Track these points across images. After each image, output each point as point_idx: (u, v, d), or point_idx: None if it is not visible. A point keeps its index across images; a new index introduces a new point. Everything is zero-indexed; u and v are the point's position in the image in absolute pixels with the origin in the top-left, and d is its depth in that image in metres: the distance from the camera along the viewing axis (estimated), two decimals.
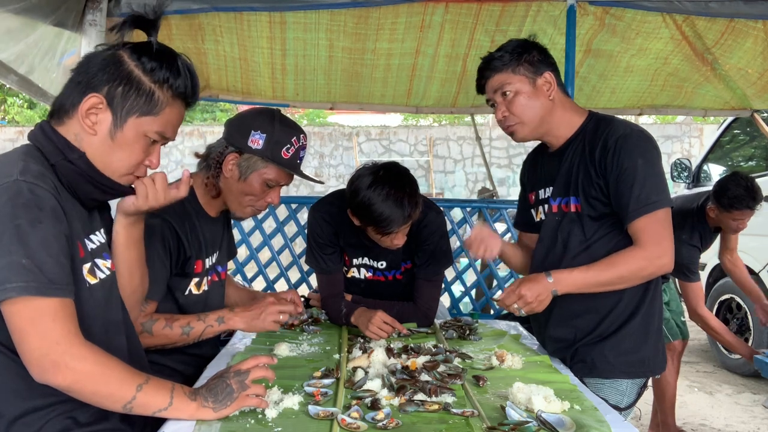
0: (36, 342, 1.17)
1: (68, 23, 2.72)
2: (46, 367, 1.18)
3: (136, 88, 1.32)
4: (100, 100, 1.30)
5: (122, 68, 1.32)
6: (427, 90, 4.05)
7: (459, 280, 3.98)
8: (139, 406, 1.27)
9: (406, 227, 2.16)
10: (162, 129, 1.36)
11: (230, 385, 1.38)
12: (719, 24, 3.28)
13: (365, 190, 2.08)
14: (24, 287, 1.16)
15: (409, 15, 3.31)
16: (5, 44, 2.52)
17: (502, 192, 11.43)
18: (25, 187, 1.20)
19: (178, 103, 1.38)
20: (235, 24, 3.38)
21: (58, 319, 1.18)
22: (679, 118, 12.27)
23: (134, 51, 1.33)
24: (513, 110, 1.89)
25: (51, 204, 1.23)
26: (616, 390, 1.89)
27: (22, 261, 1.16)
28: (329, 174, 12.34)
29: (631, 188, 1.78)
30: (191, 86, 1.38)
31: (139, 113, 1.33)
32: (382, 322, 2.16)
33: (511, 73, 1.88)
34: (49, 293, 1.18)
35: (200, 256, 1.89)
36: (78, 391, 1.23)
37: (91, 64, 1.33)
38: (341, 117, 15.61)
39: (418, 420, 1.43)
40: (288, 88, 4.03)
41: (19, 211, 1.18)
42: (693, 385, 4.92)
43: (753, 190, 3.24)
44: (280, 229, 3.84)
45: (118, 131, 1.33)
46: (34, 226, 1.18)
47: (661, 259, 1.80)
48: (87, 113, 1.31)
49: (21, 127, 12.72)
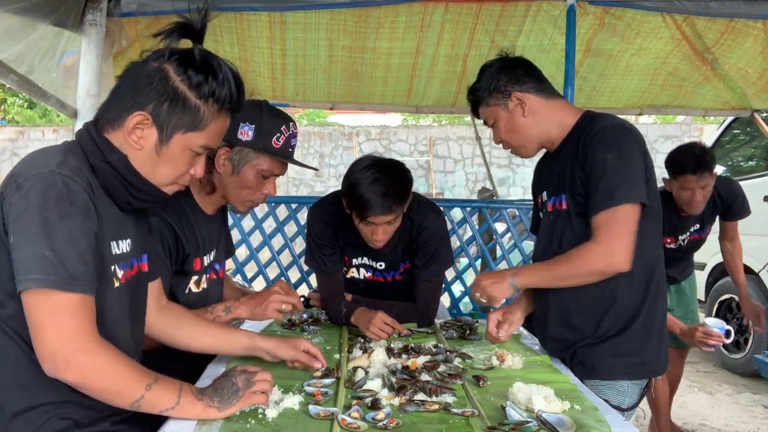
0: (50, 336, 1.18)
1: (68, 23, 2.72)
2: (57, 363, 1.18)
3: (182, 105, 1.31)
4: (145, 117, 1.30)
5: (168, 84, 1.30)
6: (427, 90, 4.06)
7: (459, 280, 3.98)
8: (147, 405, 1.28)
9: (387, 225, 2.14)
10: (207, 142, 1.37)
11: (236, 384, 1.40)
12: (719, 24, 3.28)
13: (358, 171, 2.12)
14: (43, 279, 1.16)
15: (409, 14, 3.31)
16: (5, 44, 2.52)
17: (502, 192, 11.44)
18: (60, 180, 1.21)
19: (223, 114, 1.37)
20: (235, 24, 3.38)
21: (75, 315, 1.19)
22: (679, 118, 12.27)
23: (180, 64, 1.32)
24: (502, 137, 1.97)
25: (83, 199, 1.23)
26: (617, 391, 1.88)
27: (46, 253, 1.17)
28: (329, 174, 12.34)
29: (598, 181, 1.75)
30: (237, 95, 1.37)
31: (185, 129, 1.33)
32: (382, 322, 2.16)
33: (486, 106, 1.96)
34: (69, 288, 1.18)
35: (198, 253, 1.89)
36: (87, 387, 1.23)
37: (137, 78, 1.32)
38: (341, 117, 15.61)
39: (418, 420, 1.43)
40: (288, 88, 4.03)
41: (50, 202, 1.19)
42: (693, 385, 4.91)
43: (700, 156, 2.99)
44: (280, 229, 3.84)
45: (164, 147, 1.33)
46: (62, 219, 1.19)
47: (613, 257, 1.74)
48: (133, 129, 1.31)
49: (21, 127, 12.70)
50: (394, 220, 2.15)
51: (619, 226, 1.73)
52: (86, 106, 2.78)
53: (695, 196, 3.06)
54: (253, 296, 1.94)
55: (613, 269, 1.77)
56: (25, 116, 14.61)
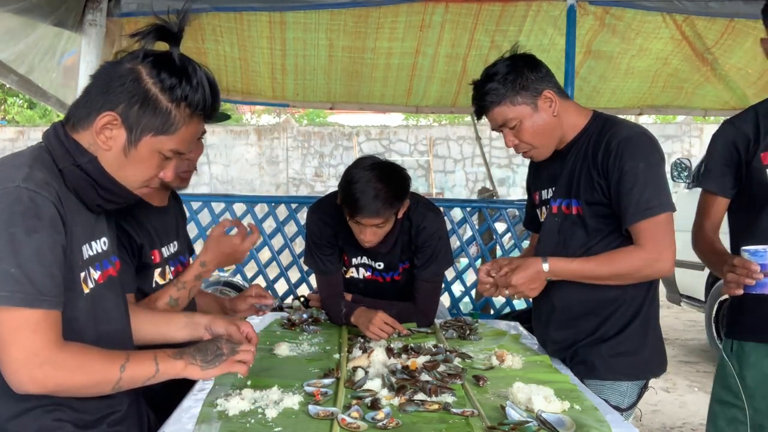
0: (15, 353, 1.17)
1: (68, 23, 2.72)
2: (23, 380, 1.18)
3: (153, 108, 1.29)
4: (114, 118, 1.29)
5: (140, 86, 1.28)
6: (427, 90, 4.06)
7: (459, 280, 3.98)
8: (128, 382, 1.28)
9: (376, 227, 2.14)
10: (176, 147, 1.34)
11: (221, 348, 1.40)
12: (719, 24, 3.28)
13: (356, 169, 2.13)
14: (8, 297, 1.15)
15: (409, 14, 3.31)
16: (5, 44, 2.53)
17: (502, 192, 11.42)
18: (26, 195, 1.19)
19: (195, 119, 1.35)
20: (235, 24, 3.38)
21: (39, 330, 1.17)
22: (679, 118, 12.27)
23: (154, 66, 1.30)
24: (522, 138, 1.86)
25: (50, 213, 1.21)
26: (616, 391, 1.89)
27: (11, 270, 1.15)
28: (329, 174, 12.34)
29: (631, 191, 1.76)
30: (210, 101, 1.35)
31: (154, 132, 1.31)
32: (382, 322, 2.16)
33: (510, 104, 1.83)
34: (35, 304, 1.17)
35: (154, 245, 1.87)
36: (63, 392, 1.24)
37: (109, 78, 1.31)
38: (341, 117, 15.61)
39: (418, 420, 1.43)
40: (288, 88, 4.03)
41: (16, 218, 1.17)
42: (693, 385, 4.91)
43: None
44: (280, 229, 3.85)
45: (132, 149, 1.31)
46: (29, 235, 1.17)
47: (660, 263, 1.78)
48: (101, 129, 1.29)
49: (21, 127, 12.71)
50: (383, 224, 2.14)
51: (662, 234, 1.77)
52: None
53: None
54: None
55: (659, 275, 1.84)
56: (25, 116, 14.61)
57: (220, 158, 12.09)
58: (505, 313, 3.66)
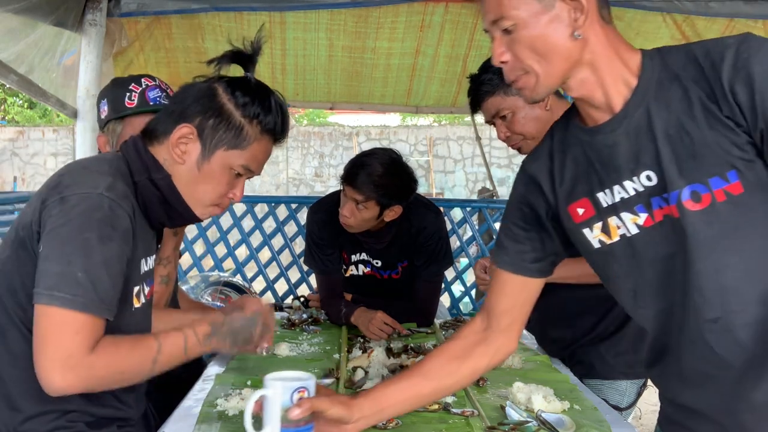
0: (54, 352, 1.16)
1: (68, 23, 2.72)
2: (56, 380, 1.16)
3: (227, 122, 1.34)
4: (191, 130, 1.33)
5: (215, 101, 1.34)
6: (427, 90, 4.06)
7: (459, 280, 3.98)
8: (163, 367, 1.28)
9: (355, 204, 2.15)
10: (248, 163, 1.37)
11: (252, 335, 1.42)
12: (719, 24, 3.28)
13: (380, 149, 2.24)
14: (71, 300, 1.16)
15: (409, 14, 3.31)
16: (5, 44, 2.53)
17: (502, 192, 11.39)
18: (107, 203, 1.21)
19: (266, 139, 1.39)
20: (235, 24, 3.38)
21: (82, 332, 1.17)
22: None
23: (229, 85, 1.35)
24: (514, 129, 1.88)
25: (125, 225, 1.24)
26: (615, 390, 1.89)
27: (78, 274, 1.16)
28: (329, 174, 12.34)
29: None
30: (281, 124, 1.40)
31: (227, 146, 1.34)
32: (382, 322, 2.16)
33: (504, 95, 1.86)
34: (92, 310, 1.18)
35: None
36: (99, 389, 1.24)
37: (187, 95, 1.36)
38: (341, 117, 15.61)
39: (418, 420, 1.43)
40: (288, 88, 4.03)
41: (93, 224, 1.19)
42: None
43: None
44: (280, 229, 3.84)
45: (205, 162, 1.34)
46: (103, 242, 1.19)
47: None
48: (177, 142, 1.33)
49: (21, 127, 12.71)
50: (362, 204, 2.14)
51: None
52: (86, 106, 2.78)
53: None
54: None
55: None
56: (25, 116, 14.62)
57: None
58: None
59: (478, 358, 1.33)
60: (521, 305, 1.33)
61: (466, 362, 1.32)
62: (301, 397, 1.18)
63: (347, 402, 1.25)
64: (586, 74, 1.11)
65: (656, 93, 1.08)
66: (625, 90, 1.11)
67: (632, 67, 1.11)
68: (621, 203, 1.12)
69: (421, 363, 1.36)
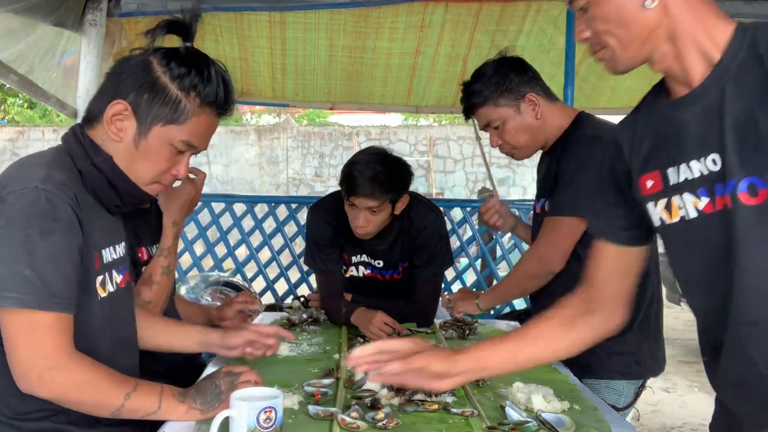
0: (25, 354, 1.17)
1: (68, 23, 2.72)
2: (32, 380, 1.18)
3: (162, 96, 1.28)
4: (124, 107, 1.28)
5: (149, 74, 1.28)
6: (427, 90, 4.06)
7: (459, 280, 3.98)
8: (128, 412, 1.27)
9: (370, 213, 2.14)
10: (189, 138, 1.32)
11: (219, 386, 1.38)
12: None
13: (362, 153, 2.20)
14: (22, 299, 1.15)
15: (409, 14, 3.31)
16: (5, 44, 2.53)
17: (502, 192, 11.43)
18: (44, 196, 1.18)
19: (207, 111, 1.33)
20: (235, 24, 3.38)
21: (51, 333, 1.17)
22: None
23: (165, 56, 1.29)
24: (505, 139, 1.94)
25: (67, 215, 1.20)
26: (612, 390, 1.89)
27: (26, 272, 1.15)
28: (329, 174, 12.34)
29: (560, 191, 1.84)
30: (223, 94, 1.33)
31: (164, 122, 1.29)
32: (382, 322, 2.16)
33: (493, 106, 1.90)
34: (48, 307, 1.16)
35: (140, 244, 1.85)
36: (65, 402, 1.23)
37: (121, 69, 1.31)
38: (341, 117, 15.60)
39: (418, 420, 1.43)
40: (288, 88, 4.04)
41: (32, 219, 1.17)
42: (693, 385, 4.91)
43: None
44: (280, 229, 3.85)
45: (143, 139, 1.30)
46: (45, 237, 1.17)
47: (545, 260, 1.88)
48: (112, 119, 1.29)
49: (21, 127, 12.70)
50: (377, 209, 2.14)
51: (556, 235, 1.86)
52: (86, 106, 2.78)
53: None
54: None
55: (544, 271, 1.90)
56: (25, 116, 14.60)
57: (220, 158, 12.09)
58: (505, 313, 3.65)
59: (583, 330, 1.33)
60: (621, 276, 1.29)
61: (571, 332, 1.32)
62: (268, 417, 1.19)
63: (449, 357, 1.27)
64: (666, 48, 1.07)
65: (737, 73, 1.01)
66: (705, 65, 1.04)
67: (719, 40, 1.03)
68: (685, 183, 1.08)
69: (527, 327, 1.33)
